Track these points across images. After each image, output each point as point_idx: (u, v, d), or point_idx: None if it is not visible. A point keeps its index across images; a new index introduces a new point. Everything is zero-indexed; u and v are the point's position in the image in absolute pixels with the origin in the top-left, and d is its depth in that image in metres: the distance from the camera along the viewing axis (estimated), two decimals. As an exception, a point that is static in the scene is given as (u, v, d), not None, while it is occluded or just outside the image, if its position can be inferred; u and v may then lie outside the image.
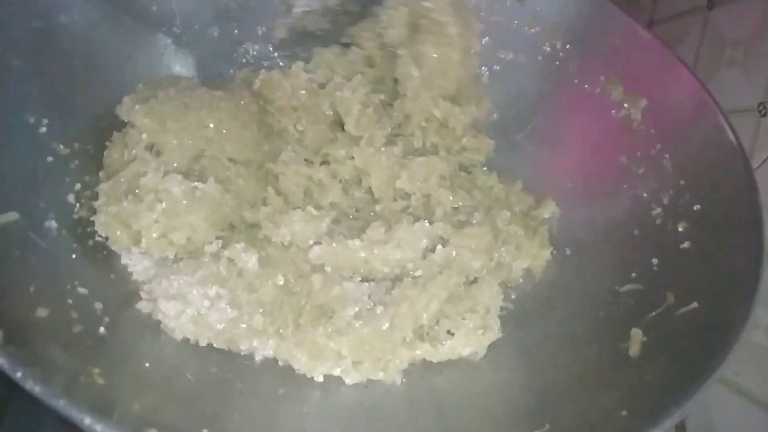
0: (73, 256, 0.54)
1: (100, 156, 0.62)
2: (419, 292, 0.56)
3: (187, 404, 0.47)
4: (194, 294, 0.53)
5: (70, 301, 0.49)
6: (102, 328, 0.49)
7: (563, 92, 0.74)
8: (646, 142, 0.65)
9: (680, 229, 0.58)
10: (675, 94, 0.65)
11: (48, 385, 0.37)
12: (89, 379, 0.42)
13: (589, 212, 0.68)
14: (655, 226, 0.61)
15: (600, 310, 0.58)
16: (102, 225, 0.56)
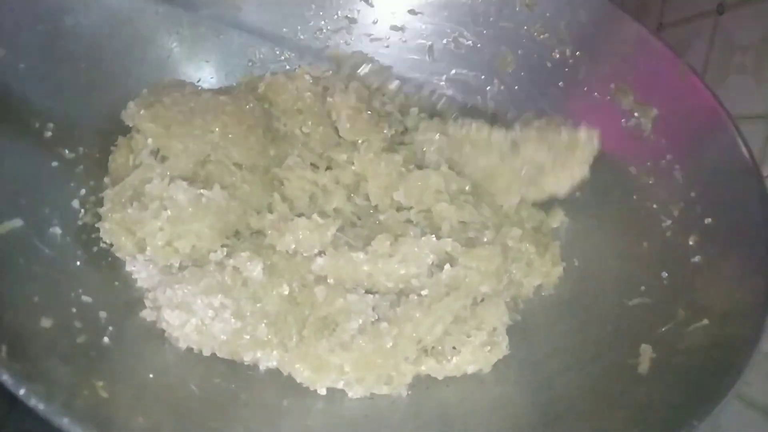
0: (78, 264, 0.54)
1: (105, 161, 0.61)
2: (424, 313, 0.55)
3: (190, 417, 0.47)
4: (198, 304, 0.53)
5: (74, 310, 0.49)
6: (106, 338, 0.49)
7: (572, 100, 0.73)
8: (656, 152, 0.65)
9: (691, 243, 0.58)
10: (686, 104, 0.64)
11: (51, 403, 0.36)
12: (93, 393, 0.42)
13: (598, 223, 0.68)
14: (666, 238, 0.60)
15: (608, 323, 0.58)
16: (107, 232, 0.56)
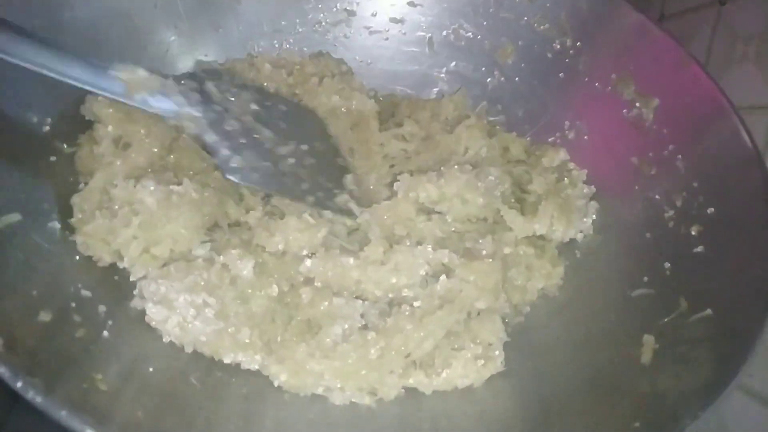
0: (77, 258, 0.53)
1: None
2: (415, 326, 0.52)
3: (191, 411, 0.46)
4: (180, 301, 0.51)
5: (74, 304, 0.49)
6: (105, 332, 0.49)
7: (573, 90, 0.73)
8: (658, 142, 0.64)
9: (693, 233, 0.57)
10: (688, 93, 0.64)
11: (49, 396, 0.36)
12: (92, 386, 0.41)
13: (599, 214, 0.67)
14: (668, 229, 0.60)
15: (611, 314, 0.58)
16: (81, 245, 0.53)
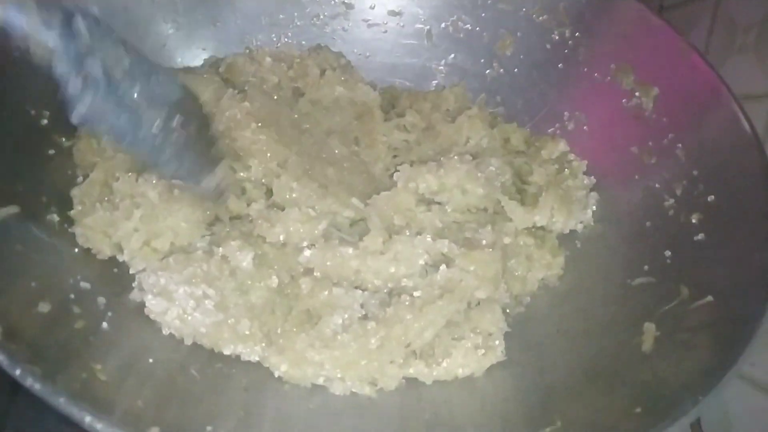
0: (76, 250, 0.53)
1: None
2: (415, 316, 0.52)
3: (191, 401, 0.46)
4: (180, 293, 0.51)
5: (73, 296, 0.49)
6: (105, 323, 0.49)
7: (572, 81, 0.73)
8: (658, 131, 0.64)
9: (694, 221, 0.57)
10: (687, 82, 0.64)
11: (48, 383, 0.36)
12: (91, 376, 0.41)
13: (599, 203, 0.67)
14: (668, 217, 0.59)
15: (611, 303, 0.57)
16: (80, 237, 0.54)
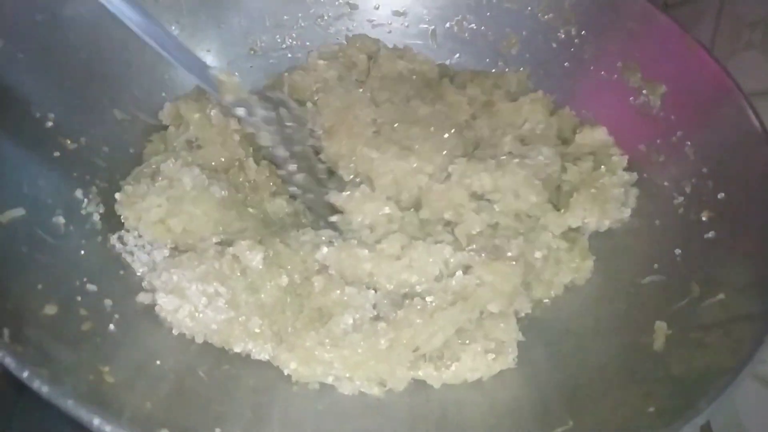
0: (82, 252, 0.53)
1: (107, 150, 0.61)
2: (425, 321, 0.51)
3: (199, 403, 0.46)
4: (193, 290, 0.52)
5: (79, 298, 0.48)
6: (112, 325, 0.48)
7: (579, 79, 0.72)
8: (666, 129, 0.64)
9: (704, 219, 0.56)
10: (695, 79, 0.63)
11: (55, 386, 0.36)
12: (98, 378, 0.41)
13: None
14: (678, 215, 0.59)
15: (622, 302, 0.57)
16: (118, 204, 0.57)
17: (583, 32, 0.72)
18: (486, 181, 0.60)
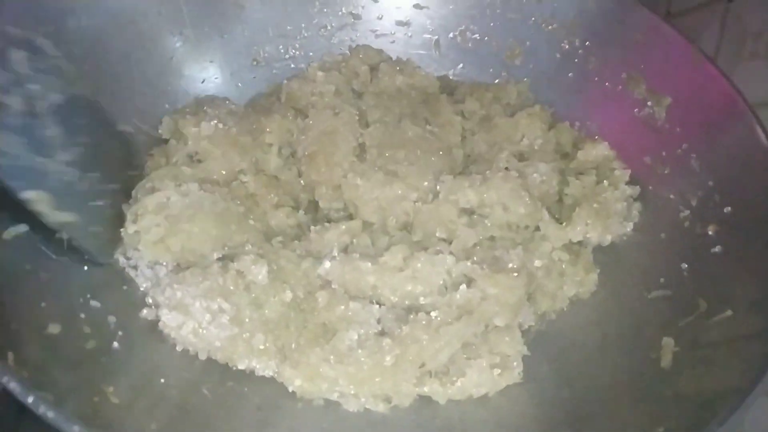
0: (85, 269, 0.53)
1: (108, 165, 0.60)
2: (431, 337, 0.51)
3: (204, 422, 0.46)
4: (197, 306, 0.51)
5: (83, 316, 0.48)
6: (116, 343, 0.48)
7: (583, 90, 0.72)
8: (671, 141, 0.63)
9: (710, 233, 0.56)
10: (701, 91, 0.63)
11: (61, 411, 0.35)
12: (103, 399, 0.41)
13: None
14: (684, 229, 0.59)
15: (628, 316, 0.57)
16: (127, 222, 0.56)
17: (588, 43, 0.72)
18: (472, 197, 0.60)
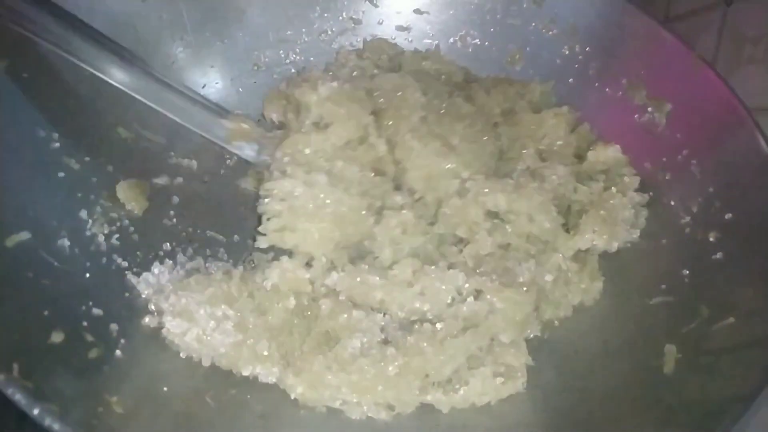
0: (87, 276, 0.52)
1: (111, 169, 0.60)
2: (435, 349, 0.51)
3: (207, 430, 0.45)
4: (201, 313, 0.51)
5: (85, 324, 0.48)
6: (118, 351, 0.48)
7: (584, 96, 0.72)
8: (671, 147, 0.63)
9: (711, 239, 0.56)
10: (701, 97, 0.63)
11: (66, 422, 0.35)
12: (107, 410, 0.41)
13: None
14: (685, 235, 0.59)
15: (629, 322, 0.56)
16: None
17: (588, 48, 0.72)
18: (501, 202, 0.59)
